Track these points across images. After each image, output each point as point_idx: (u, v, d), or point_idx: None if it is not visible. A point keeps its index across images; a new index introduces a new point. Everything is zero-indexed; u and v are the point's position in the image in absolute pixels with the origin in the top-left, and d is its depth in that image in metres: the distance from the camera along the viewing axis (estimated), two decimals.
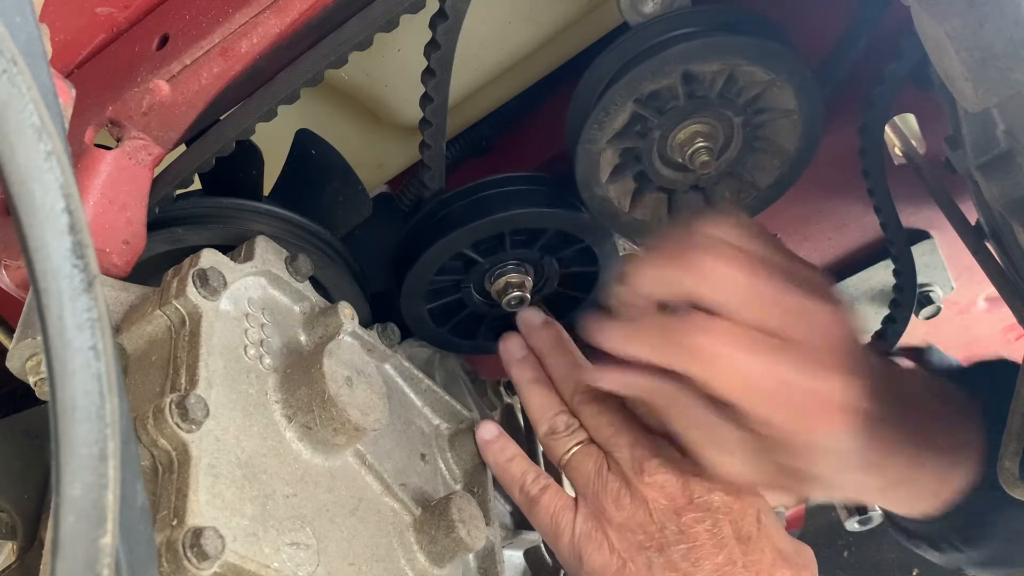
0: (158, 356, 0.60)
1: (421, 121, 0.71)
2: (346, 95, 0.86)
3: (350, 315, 0.68)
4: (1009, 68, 0.43)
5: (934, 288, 1.11)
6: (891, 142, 0.96)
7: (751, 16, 0.71)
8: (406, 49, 0.77)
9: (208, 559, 0.48)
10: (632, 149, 0.75)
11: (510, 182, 0.78)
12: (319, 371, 0.61)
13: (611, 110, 0.70)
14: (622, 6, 0.69)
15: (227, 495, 0.53)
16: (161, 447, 0.53)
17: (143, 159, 0.65)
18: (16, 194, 0.29)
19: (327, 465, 0.62)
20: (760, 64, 0.68)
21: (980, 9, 0.43)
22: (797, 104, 0.72)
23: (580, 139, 0.72)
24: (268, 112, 0.64)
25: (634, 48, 0.70)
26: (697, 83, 0.71)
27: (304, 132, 0.82)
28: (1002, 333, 1.24)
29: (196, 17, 0.63)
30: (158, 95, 0.63)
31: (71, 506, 0.28)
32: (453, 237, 0.75)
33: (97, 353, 0.29)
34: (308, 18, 0.62)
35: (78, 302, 0.29)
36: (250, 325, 0.63)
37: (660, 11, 0.69)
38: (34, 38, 0.33)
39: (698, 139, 0.72)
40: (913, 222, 1.05)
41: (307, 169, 0.82)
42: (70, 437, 0.28)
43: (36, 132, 0.29)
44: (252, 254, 0.66)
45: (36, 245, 0.29)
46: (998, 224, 0.62)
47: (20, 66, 0.29)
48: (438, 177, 0.76)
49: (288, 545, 0.55)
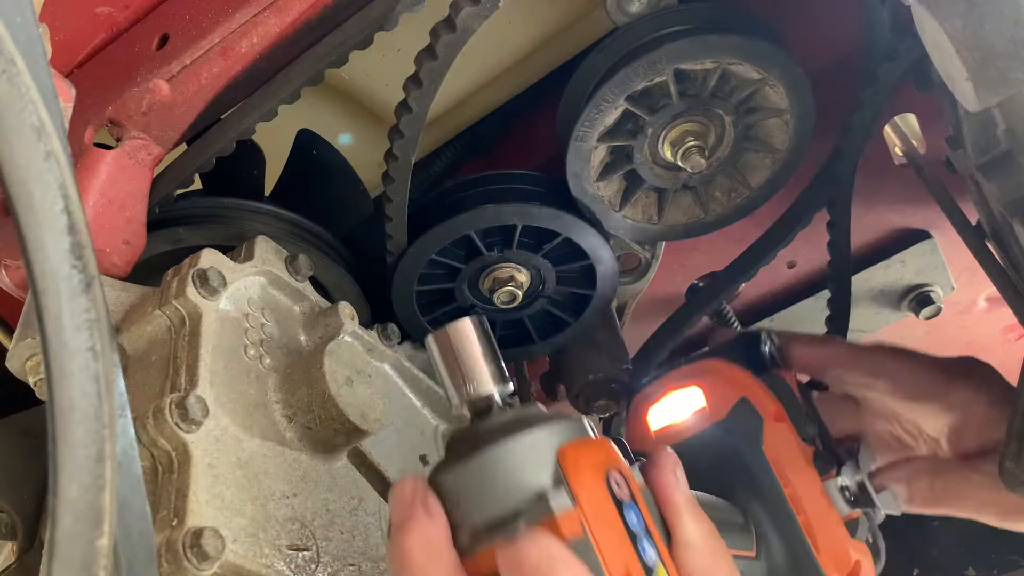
0: (158, 356, 0.59)
1: (391, 130, 0.69)
2: (346, 95, 0.86)
3: (350, 315, 0.68)
4: (1009, 68, 0.43)
5: (934, 288, 1.11)
6: (891, 142, 0.96)
7: (741, 14, 0.71)
8: (406, 49, 0.77)
9: (208, 559, 0.48)
10: (623, 147, 0.75)
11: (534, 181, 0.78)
12: (319, 371, 0.61)
13: (602, 107, 0.70)
14: (608, 7, 0.69)
15: (227, 495, 0.53)
16: (161, 447, 0.53)
17: (143, 159, 0.65)
18: (15, 194, 0.28)
19: (327, 465, 0.62)
20: (750, 62, 0.69)
21: (981, 9, 0.43)
22: (789, 104, 0.72)
23: (571, 136, 0.72)
24: (268, 112, 0.64)
25: (625, 45, 0.70)
26: (689, 82, 0.71)
27: (305, 132, 0.82)
28: (1002, 333, 1.24)
29: (196, 17, 0.63)
30: (158, 95, 0.63)
31: (68, 507, 0.27)
32: (465, 218, 0.74)
33: (96, 354, 0.28)
34: (308, 18, 0.62)
35: (77, 303, 0.29)
36: (250, 325, 0.63)
37: (647, 11, 0.69)
38: (34, 38, 0.33)
39: (689, 138, 0.72)
40: (913, 222, 1.05)
41: (308, 169, 0.82)
42: (68, 438, 0.28)
43: (36, 132, 0.29)
44: (252, 254, 0.66)
45: (35, 246, 0.28)
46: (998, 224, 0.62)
47: (20, 66, 0.29)
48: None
49: (288, 545, 0.55)
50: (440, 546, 0.46)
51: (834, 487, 0.81)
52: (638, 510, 0.51)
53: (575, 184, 0.75)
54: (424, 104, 0.66)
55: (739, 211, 0.80)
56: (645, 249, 0.91)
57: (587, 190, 0.75)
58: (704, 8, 0.70)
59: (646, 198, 0.79)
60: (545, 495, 0.47)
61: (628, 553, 0.48)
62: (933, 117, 0.90)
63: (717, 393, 0.86)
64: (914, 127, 0.94)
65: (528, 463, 0.48)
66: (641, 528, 0.50)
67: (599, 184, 0.76)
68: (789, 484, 0.81)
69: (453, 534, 0.47)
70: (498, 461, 0.48)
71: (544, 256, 0.79)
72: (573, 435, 0.51)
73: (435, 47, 0.63)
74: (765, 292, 1.13)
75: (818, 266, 1.05)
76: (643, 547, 0.50)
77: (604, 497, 0.49)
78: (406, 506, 0.47)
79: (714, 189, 0.79)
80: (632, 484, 0.52)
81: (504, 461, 0.49)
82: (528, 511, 0.47)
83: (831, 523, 0.80)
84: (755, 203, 0.80)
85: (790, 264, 1.09)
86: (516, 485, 0.48)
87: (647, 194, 0.79)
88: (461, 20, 0.61)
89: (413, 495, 0.47)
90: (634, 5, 0.69)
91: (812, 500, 0.80)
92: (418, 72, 0.65)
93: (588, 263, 0.80)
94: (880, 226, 1.06)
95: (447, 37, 0.62)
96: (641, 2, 0.69)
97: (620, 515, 0.49)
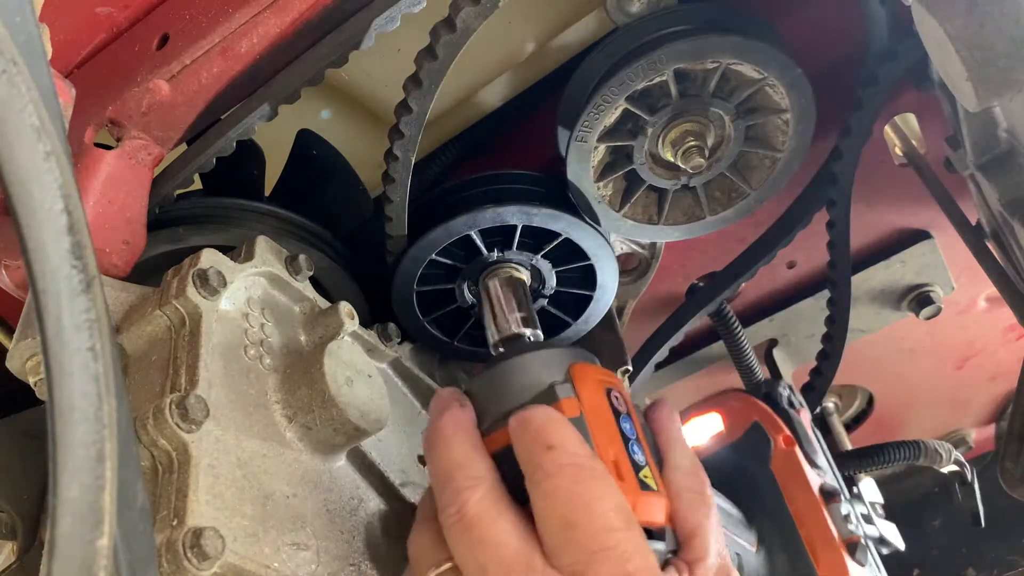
0: (158, 356, 0.59)
1: (391, 130, 0.69)
2: (346, 95, 0.86)
3: (350, 315, 0.68)
4: (1009, 68, 0.43)
5: (934, 288, 1.11)
6: (891, 142, 0.96)
7: (741, 14, 0.71)
8: (406, 49, 0.77)
9: (208, 559, 0.48)
10: (623, 147, 0.75)
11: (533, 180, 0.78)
12: (319, 371, 0.61)
13: (603, 107, 0.70)
14: (608, 7, 0.69)
15: (227, 495, 0.53)
16: (161, 447, 0.53)
17: (143, 159, 0.65)
18: (15, 194, 0.28)
19: (327, 465, 0.62)
20: (750, 62, 0.69)
21: (981, 9, 0.43)
22: (789, 104, 0.72)
23: (571, 136, 0.72)
24: (269, 112, 0.64)
25: (625, 45, 0.70)
26: (689, 82, 0.71)
27: (305, 132, 0.82)
28: (1002, 333, 1.24)
29: (196, 17, 0.63)
30: (158, 95, 0.63)
31: (68, 507, 0.27)
32: (465, 218, 0.74)
33: (95, 354, 0.28)
34: (308, 18, 0.62)
35: (76, 303, 0.29)
36: (250, 325, 0.63)
37: (647, 11, 0.69)
38: (34, 38, 0.33)
39: (689, 138, 0.72)
40: (913, 222, 1.05)
41: (308, 169, 0.82)
42: (68, 438, 0.28)
43: (36, 132, 0.29)
44: (252, 254, 0.66)
45: (35, 246, 0.28)
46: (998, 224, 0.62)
47: (20, 66, 0.29)
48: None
49: (288, 545, 0.55)
50: (467, 424, 0.57)
51: (837, 511, 0.89)
52: (632, 425, 0.59)
53: (575, 184, 0.75)
54: (424, 104, 0.66)
55: (739, 211, 0.80)
56: (645, 249, 0.91)
57: (587, 190, 0.75)
58: (704, 8, 0.70)
59: (646, 198, 0.79)
60: (553, 387, 0.57)
61: (618, 445, 0.56)
62: (933, 117, 0.90)
63: (734, 418, 0.98)
64: (914, 127, 0.94)
65: (544, 370, 0.58)
66: (633, 436, 0.58)
67: (599, 184, 0.76)
68: (794, 501, 0.90)
69: (479, 423, 0.58)
70: (519, 366, 0.59)
71: (544, 256, 0.79)
72: (586, 360, 0.60)
73: (435, 47, 0.63)
74: (765, 292, 1.14)
75: (818, 266, 1.05)
76: (633, 448, 0.57)
77: (603, 402, 0.58)
78: (443, 402, 0.59)
79: (714, 189, 0.79)
80: (631, 408, 0.60)
81: (524, 366, 0.59)
82: (537, 398, 0.57)
83: (830, 540, 0.88)
84: (756, 203, 0.80)
85: (790, 264, 1.09)
86: (531, 383, 0.58)
87: (647, 194, 0.79)
88: (461, 20, 0.61)
89: (450, 396, 0.59)
90: (634, 5, 0.69)
91: (814, 517, 0.88)
92: (418, 72, 0.65)
93: (588, 263, 0.80)
94: (880, 226, 1.06)
95: (447, 37, 0.62)
96: (641, 2, 0.69)
97: (615, 419, 0.58)
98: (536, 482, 0.52)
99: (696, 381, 1.23)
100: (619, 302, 0.93)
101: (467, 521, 0.52)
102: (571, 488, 0.51)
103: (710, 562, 0.57)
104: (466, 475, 0.54)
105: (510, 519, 0.52)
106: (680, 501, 0.58)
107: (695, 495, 0.59)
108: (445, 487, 0.54)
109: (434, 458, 0.56)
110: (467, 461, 0.55)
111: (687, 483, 0.59)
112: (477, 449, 0.56)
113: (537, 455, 0.53)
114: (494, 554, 0.51)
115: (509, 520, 0.52)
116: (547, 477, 0.52)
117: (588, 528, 0.50)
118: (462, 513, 0.52)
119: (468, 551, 0.52)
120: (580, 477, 0.52)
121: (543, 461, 0.52)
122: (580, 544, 0.50)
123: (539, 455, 0.53)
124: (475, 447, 0.56)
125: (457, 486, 0.53)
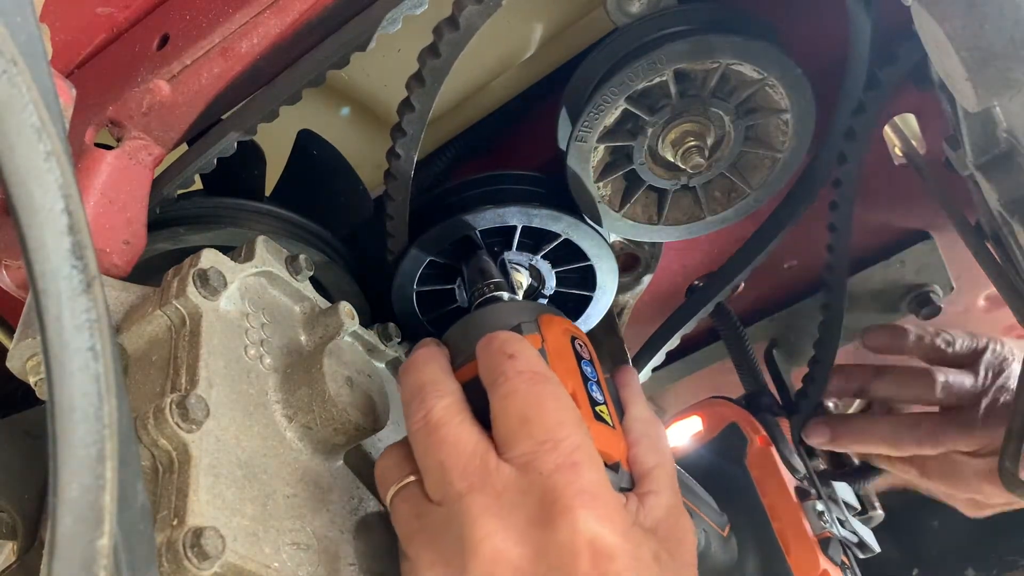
0: (158, 356, 0.59)
1: (394, 128, 0.69)
2: (347, 95, 0.86)
3: (350, 315, 0.68)
4: (1009, 68, 0.43)
5: (934, 288, 1.11)
6: (891, 142, 0.96)
7: (741, 14, 0.71)
8: (406, 49, 0.77)
9: (209, 559, 0.48)
10: (623, 148, 0.75)
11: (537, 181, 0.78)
12: (319, 371, 0.61)
13: (603, 108, 0.70)
14: (608, 7, 0.69)
15: (227, 495, 0.53)
16: (161, 447, 0.53)
17: (143, 159, 0.65)
18: (16, 195, 0.28)
19: (328, 465, 0.62)
20: (750, 62, 0.69)
21: (980, 9, 0.43)
22: (789, 104, 0.72)
23: (571, 137, 0.72)
24: (270, 113, 0.64)
25: (625, 45, 0.70)
26: (689, 82, 0.71)
27: (306, 132, 0.82)
28: (1002, 333, 1.24)
29: (196, 17, 0.63)
30: (158, 95, 0.63)
31: (68, 507, 0.27)
32: (465, 219, 0.74)
33: (96, 354, 0.28)
34: (308, 18, 0.62)
35: (77, 303, 0.29)
36: (250, 325, 0.63)
37: (647, 11, 0.69)
38: (34, 38, 0.33)
39: (689, 138, 0.72)
40: (913, 222, 1.05)
41: (308, 169, 0.82)
42: (68, 438, 0.28)
43: (36, 132, 0.29)
44: (252, 254, 0.66)
45: (35, 246, 0.28)
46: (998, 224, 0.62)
47: (20, 66, 0.29)
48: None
49: (289, 545, 0.55)
50: (439, 356, 0.61)
51: (811, 507, 0.93)
52: (595, 370, 0.62)
53: (575, 185, 0.75)
54: (427, 102, 0.66)
55: (739, 211, 0.80)
56: (645, 249, 0.91)
57: (587, 190, 0.75)
58: (704, 8, 0.70)
59: (646, 198, 0.79)
60: (520, 325, 0.61)
61: (576, 379, 0.60)
62: (933, 117, 0.90)
63: (712, 420, 1.03)
64: (914, 127, 0.94)
65: (513, 316, 0.63)
66: (594, 378, 0.61)
67: (599, 184, 0.76)
68: (768, 495, 0.94)
69: (452, 362, 0.62)
70: (491, 313, 0.64)
71: (544, 257, 0.79)
72: (556, 315, 0.64)
73: (438, 45, 0.63)
74: (765, 292, 1.14)
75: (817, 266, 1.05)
76: (592, 388, 0.61)
77: (566, 343, 0.62)
78: (420, 343, 0.63)
79: (714, 189, 0.79)
80: (596, 360, 0.64)
81: (496, 312, 0.64)
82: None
83: (802, 534, 0.91)
84: (756, 203, 0.80)
85: (789, 264, 1.09)
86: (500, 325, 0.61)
87: (647, 194, 0.79)
88: (464, 18, 0.62)
89: (428, 340, 0.64)
90: (634, 5, 0.69)
91: (787, 511, 0.92)
92: (421, 70, 0.65)
93: (588, 264, 0.80)
94: (880, 226, 1.06)
95: (450, 35, 0.62)
96: (641, 2, 0.69)
97: (577, 361, 0.61)
98: (496, 386, 0.57)
99: (696, 381, 1.23)
100: (618, 302, 0.93)
101: (431, 424, 0.56)
102: (528, 389, 0.56)
103: (663, 498, 0.60)
104: (435, 389, 0.58)
105: (471, 424, 0.57)
106: (638, 447, 0.62)
107: (652, 440, 0.63)
108: (413, 400, 0.58)
109: (406, 381, 0.60)
110: (437, 380, 0.59)
111: (645, 430, 0.64)
112: (447, 372, 0.60)
113: (499, 364, 0.57)
114: (452, 450, 0.55)
115: (470, 424, 0.56)
116: (506, 380, 0.56)
117: (540, 422, 0.54)
118: (428, 419, 0.56)
119: (429, 451, 0.56)
120: (536, 380, 0.56)
121: (505, 367, 0.57)
122: (531, 435, 0.54)
123: (501, 363, 0.57)
124: (445, 371, 0.60)
125: (425, 396, 0.58)
